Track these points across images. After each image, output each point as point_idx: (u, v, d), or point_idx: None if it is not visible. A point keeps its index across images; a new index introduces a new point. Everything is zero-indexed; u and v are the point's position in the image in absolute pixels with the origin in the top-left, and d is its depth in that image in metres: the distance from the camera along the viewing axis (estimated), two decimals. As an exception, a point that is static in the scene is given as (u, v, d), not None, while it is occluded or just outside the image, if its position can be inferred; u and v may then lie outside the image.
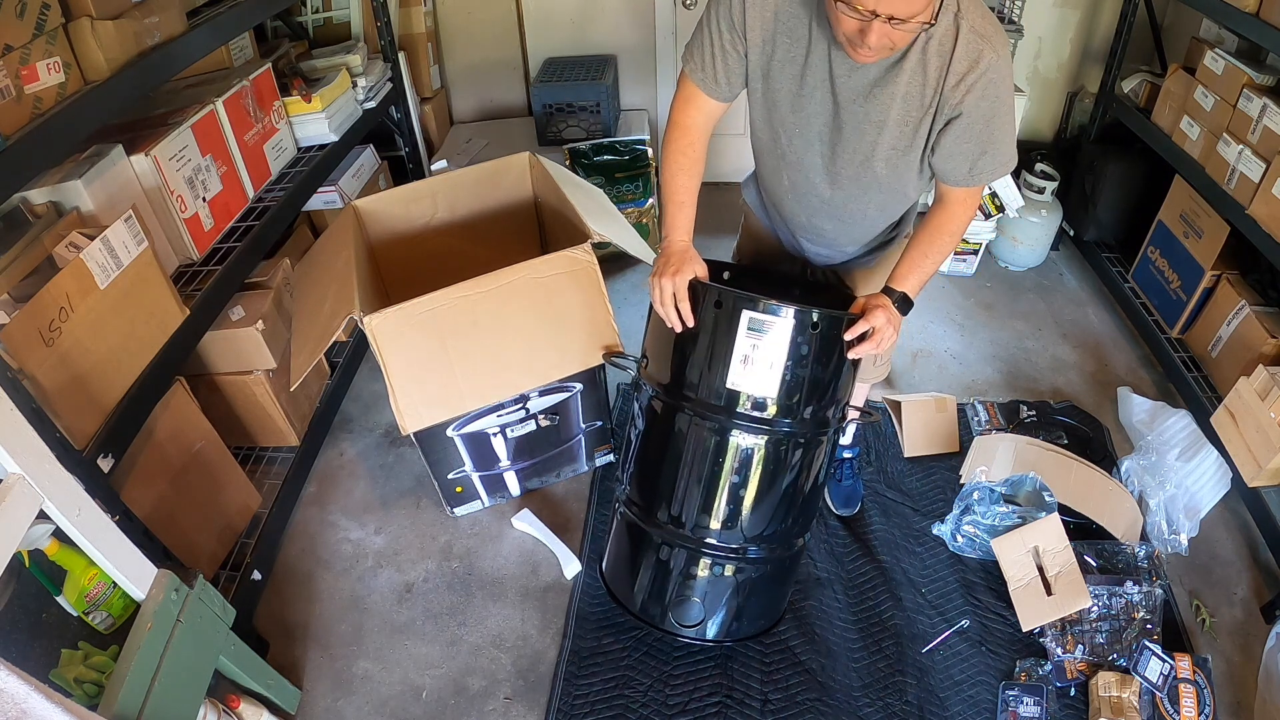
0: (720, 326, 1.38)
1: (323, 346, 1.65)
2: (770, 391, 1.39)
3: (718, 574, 1.57)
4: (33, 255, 1.41)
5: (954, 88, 1.18)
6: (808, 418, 1.45)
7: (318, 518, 2.07)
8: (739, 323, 1.35)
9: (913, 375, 2.47)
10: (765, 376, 1.38)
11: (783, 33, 1.23)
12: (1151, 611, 1.69)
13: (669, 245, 1.41)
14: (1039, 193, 2.82)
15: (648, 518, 1.59)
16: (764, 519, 1.54)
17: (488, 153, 2.94)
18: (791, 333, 1.35)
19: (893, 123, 1.24)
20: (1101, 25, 3.01)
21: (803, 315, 1.34)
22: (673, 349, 1.47)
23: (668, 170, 1.42)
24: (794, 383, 1.40)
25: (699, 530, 1.54)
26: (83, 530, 1.14)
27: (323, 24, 2.70)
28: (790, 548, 1.62)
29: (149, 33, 1.56)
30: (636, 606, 1.66)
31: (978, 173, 1.28)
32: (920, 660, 1.69)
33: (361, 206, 2.04)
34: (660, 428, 1.54)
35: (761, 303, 1.33)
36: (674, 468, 1.53)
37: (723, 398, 1.42)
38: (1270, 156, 1.91)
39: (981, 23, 1.15)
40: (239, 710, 1.46)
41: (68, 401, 1.31)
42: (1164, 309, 2.47)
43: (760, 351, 1.36)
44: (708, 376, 1.43)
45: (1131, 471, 1.99)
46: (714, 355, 1.40)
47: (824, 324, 1.35)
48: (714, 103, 1.37)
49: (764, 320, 1.34)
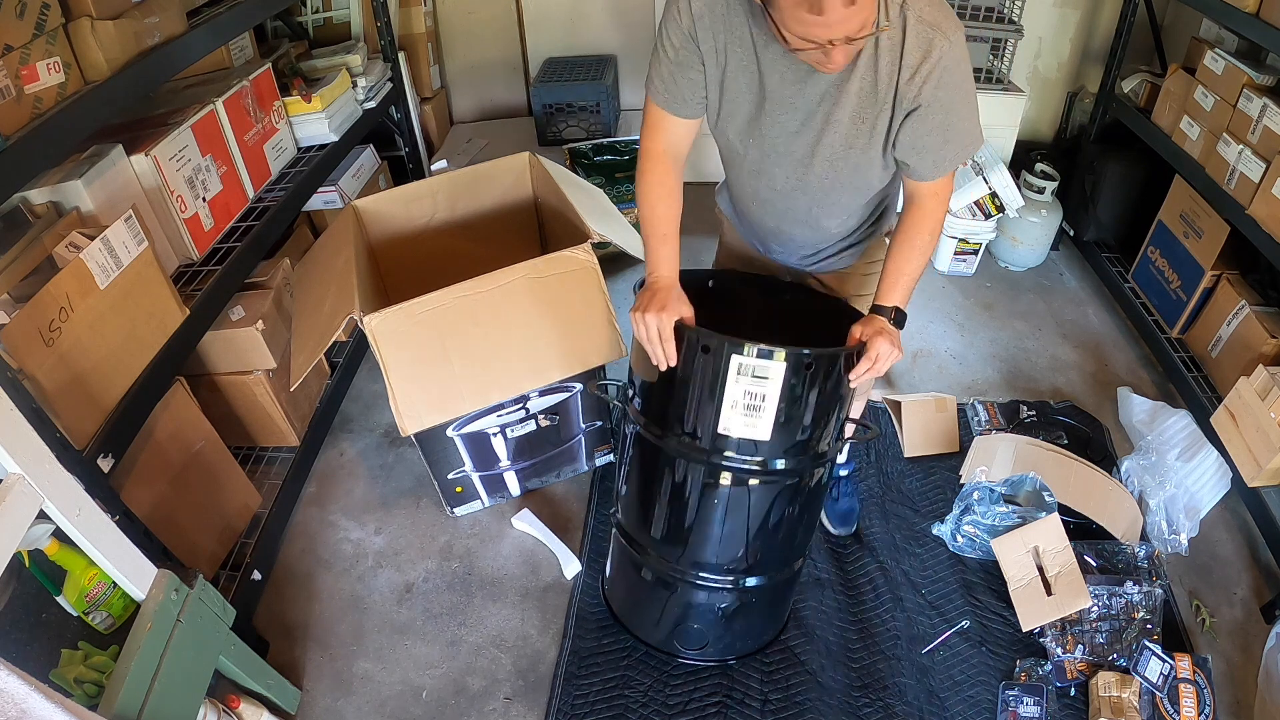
0: (708, 371, 1.29)
1: (323, 346, 1.65)
2: (763, 435, 1.31)
3: (715, 602, 1.56)
4: (33, 255, 1.41)
5: (909, 81, 1.15)
6: (804, 455, 1.38)
7: (318, 518, 2.07)
8: (728, 368, 1.26)
9: (913, 375, 2.47)
10: (757, 421, 1.30)
11: (734, 42, 1.21)
12: (1151, 611, 1.69)
13: (654, 281, 1.34)
14: (1039, 193, 2.82)
15: (641, 550, 1.57)
16: (760, 551, 1.50)
17: (488, 153, 2.94)
18: (785, 375, 1.25)
19: (848, 121, 1.22)
20: (1101, 25, 3.01)
21: (796, 357, 1.24)
22: (659, 387, 1.38)
23: (645, 201, 1.37)
24: (789, 423, 1.32)
25: (694, 565, 1.51)
26: (83, 530, 1.14)
27: (323, 24, 2.70)
28: (789, 570, 1.60)
29: (149, 33, 1.56)
30: (636, 629, 1.67)
31: (943, 162, 1.25)
32: (920, 660, 1.69)
33: (361, 206, 2.04)
34: (648, 463, 1.47)
35: (751, 347, 1.24)
36: (664, 505, 1.48)
37: (712, 441, 1.34)
38: (1270, 156, 1.91)
39: (929, 10, 1.12)
40: (239, 710, 1.46)
41: (68, 401, 1.31)
42: (1164, 309, 2.47)
43: (751, 396, 1.28)
44: (696, 419, 1.35)
45: (1131, 471, 1.99)
46: (701, 399, 1.32)
47: (819, 364, 1.27)
48: (683, 122, 1.33)
49: (754, 365, 1.25)
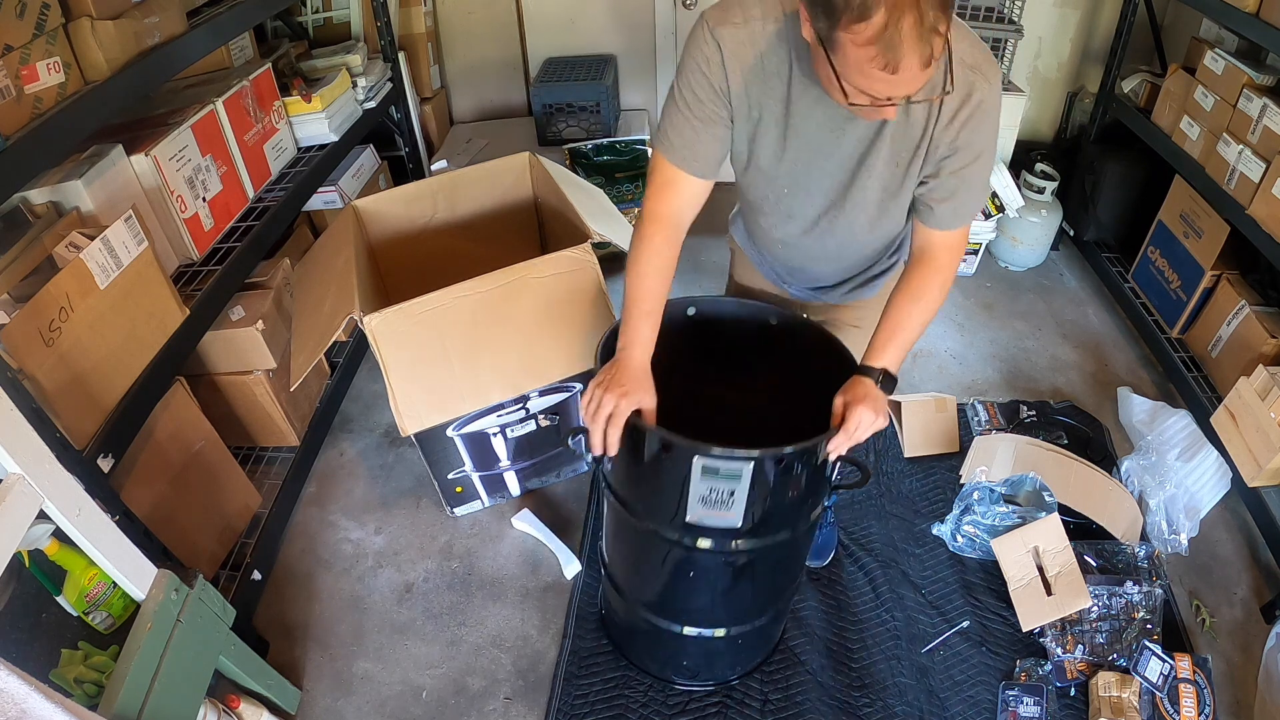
0: (671, 468, 1.23)
1: (323, 347, 1.65)
2: (735, 523, 1.25)
3: (703, 645, 1.56)
4: (33, 255, 1.40)
5: (946, 125, 1.09)
6: (782, 530, 1.33)
7: (318, 518, 2.07)
8: (692, 468, 1.18)
9: (913, 375, 2.47)
10: (728, 512, 1.23)
11: (768, 93, 1.13)
12: (1151, 611, 1.69)
13: (625, 359, 1.20)
14: (1039, 193, 2.82)
15: (623, 595, 1.57)
16: (745, 604, 1.50)
17: (488, 153, 2.94)
18: (754, 471, 1.17)
19: (882, 166, 1.16)
20: (1101, 25, 3.01)
21: (765, 457, 1.15)
22: (624, 467, 1.33)
23: (637, 271, 1.22)
24: (765, 511, 1.26)
25: (676, 617, 1.51)
26: (83, 530, 1.14)
27: (323, 24, 2.70)
28: (780, 607, 1.59)
29: (149, 33, 1.56)
30: (632, 658, 1.68)
31: (963, 211, 1.19)
32: (920, 660, 1.69)
33: (361, 206, 2.04)
34: (623, 527, 1.45)
35: (715, 451, 1.14)
36: (640, 569, 1.48)
37: (682, 527, 1.29)
38: (1270, 156, 1.91)
39: (970, 51, 1.05)
40: (239, 710, 1.46)
41: (68, 401, 1.31)
42: (1164, 309, 2.47)
43: (719, 493, 1.20)
44: (665, 507, 1.29)
45: (1131, 471, 1.99)
46: (667, 489, 1.26)
47: (794, 456, 1.18)
48: (698, 183, 1.21)
49: (720, 465, 1.16)
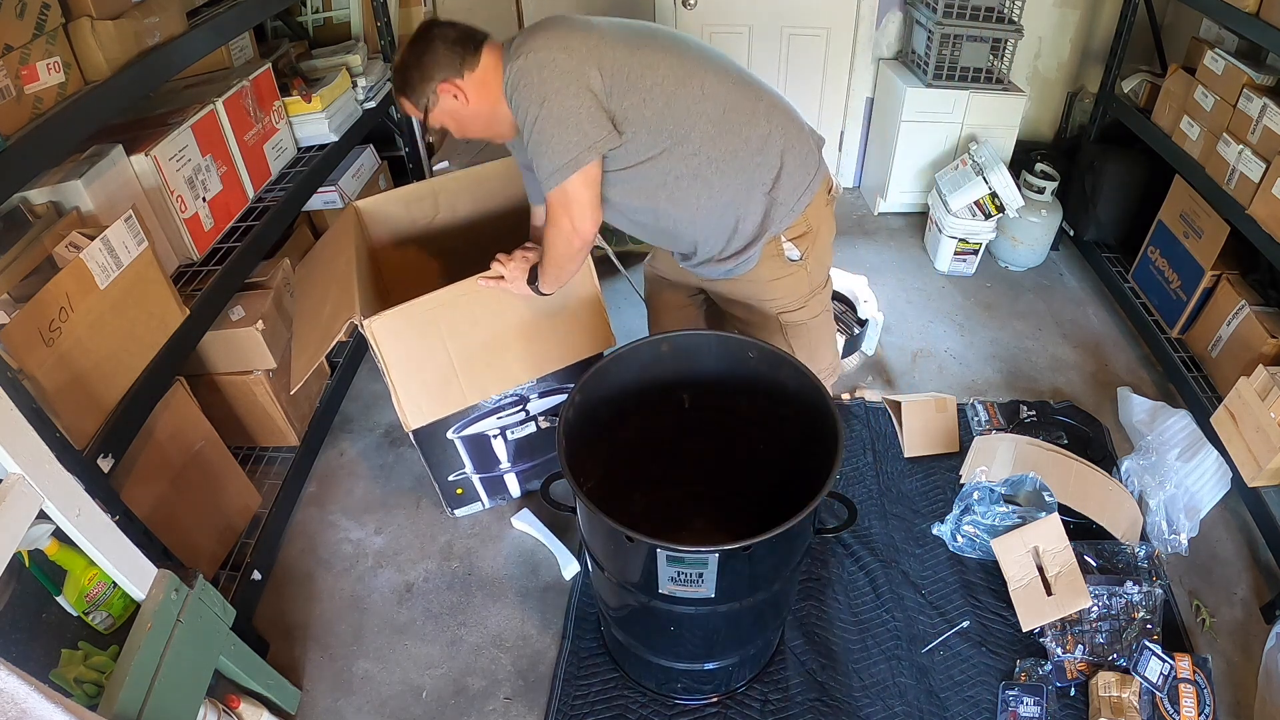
0: (638, 554, 1.26)
1: (324, 350, 1.65)
2: (708, 594, 1.28)
3: (695, 673, 1.57)
4: (33, 255, 1.41)
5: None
6: (761, 591, 1.35)
7: (318, 518, 2.07)
8: (658, 558, 1.22)
9: (913, 375, 2.47)
10: (700, 588, 1.26)
11: None
12: (1151, 611, 1.69)
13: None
14: (1039, 193, 2.82)
15: (616, 632, 1.58)
16: (732, 647, 1.52)
17: (488, 153, 2.94)
18: (718, 560, 1.20)
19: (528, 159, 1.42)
20: (1101, 25, 3.01)
21: (731, 553, 1.18)
22: (597, 542, 1.39)
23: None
24: (739, 582, 1.29)
25: (664, 657, 1.53)
26: (83, 530, 1.14)
27: (323, 24, 2.70)
28: (773, 633, 1.60)
29: (149, 33, 1.56)
30: (629, 673, 1.68)
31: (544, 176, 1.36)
32: (920, 660, 1.69)
33: (362, 207, 2.04)
34: (604, 584, 1.47)
35: (675, 548, 1.18)
36: (626, 613, 1.50)
37: (656, 595, 1.32)
38: (1270, 156, 1.91)
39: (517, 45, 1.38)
40: (239, 710, 1.46)
41: (68, 401, 1.31)
42: (1164, 309, 2.47)
43: (687, 576, 1.24)
44: (639, 580, 1.33)
45: (1131, 471, 1.99)
46: (641, 568, 1.30)
47: (760, 547, 1.18)
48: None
49: (685, 556, 1.20)
